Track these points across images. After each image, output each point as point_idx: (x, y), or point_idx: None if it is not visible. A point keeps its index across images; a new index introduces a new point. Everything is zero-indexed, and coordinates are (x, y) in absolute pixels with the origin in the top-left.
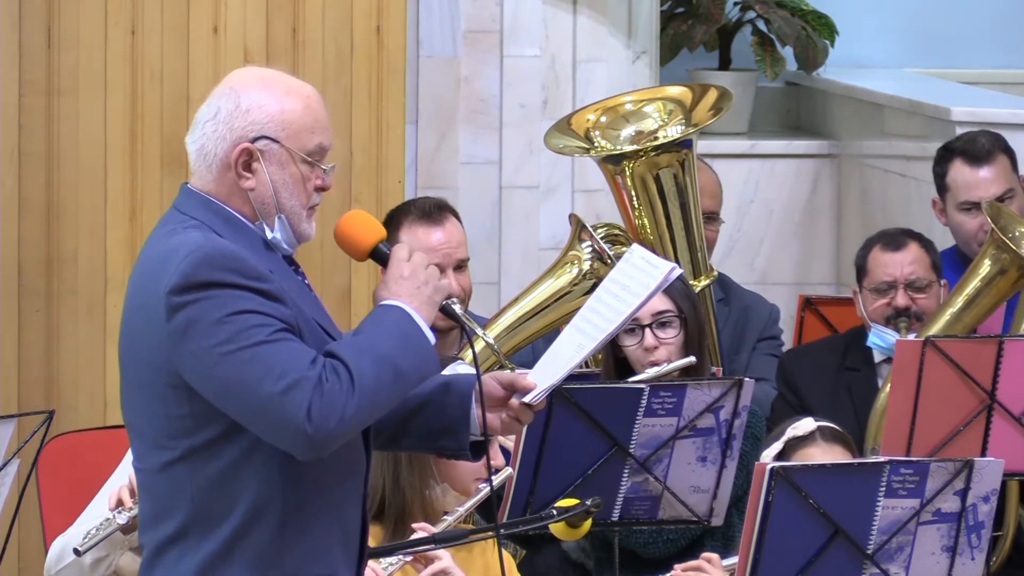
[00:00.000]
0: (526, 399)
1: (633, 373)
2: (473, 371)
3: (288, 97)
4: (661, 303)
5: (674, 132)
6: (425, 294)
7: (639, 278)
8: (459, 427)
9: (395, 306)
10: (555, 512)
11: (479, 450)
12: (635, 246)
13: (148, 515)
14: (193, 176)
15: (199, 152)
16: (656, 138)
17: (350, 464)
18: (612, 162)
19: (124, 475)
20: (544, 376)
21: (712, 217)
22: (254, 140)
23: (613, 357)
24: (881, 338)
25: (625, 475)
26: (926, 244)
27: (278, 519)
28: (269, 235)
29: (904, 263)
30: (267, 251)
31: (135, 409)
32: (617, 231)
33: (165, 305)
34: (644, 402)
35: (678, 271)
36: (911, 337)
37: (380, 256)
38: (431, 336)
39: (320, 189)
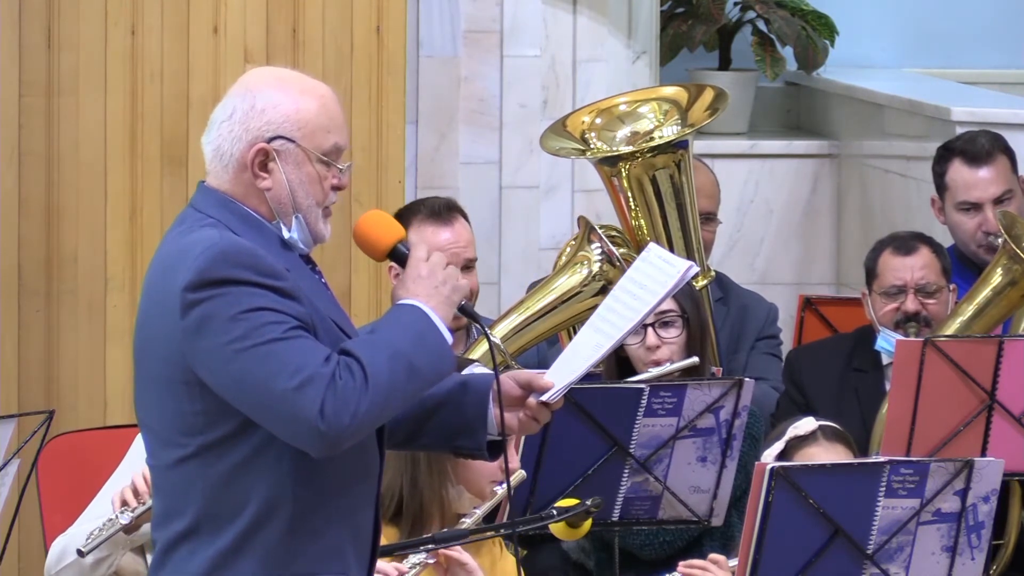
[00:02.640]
0: (543, 398)
1: (634, 372)
2: (488, 370)
3: (303, 97)
4: (664, 303)
5: (670, 133)
6: (443, 293)
7: (656, 276)
8: (476, 426)
9: (412, 305)
10: (555, 512)
11: (496, 450)
12: (652, 245)
13: (160, 512)
14: (209, 175)
15: (215, 152)
16: (652, 139)
17: (364, 466)
18: (608, 164)
19: (125, 475)
20: (561, 375)
21: (709, 218)
22: (270, 140)
23: (615, 356)
24: (889, 342)
25: (625, 475)
26: (937, 249)
27: (289, 518)
28: (286, 234)
29: (915, 268)
30: (284, 250)
31: (148, 406)
32: (614, 232)
33: (180, 302)
34: (644, 402)
35: (695, 269)
36: None
37: (399, 256)
38: (448, 335)
39: (336, 188)
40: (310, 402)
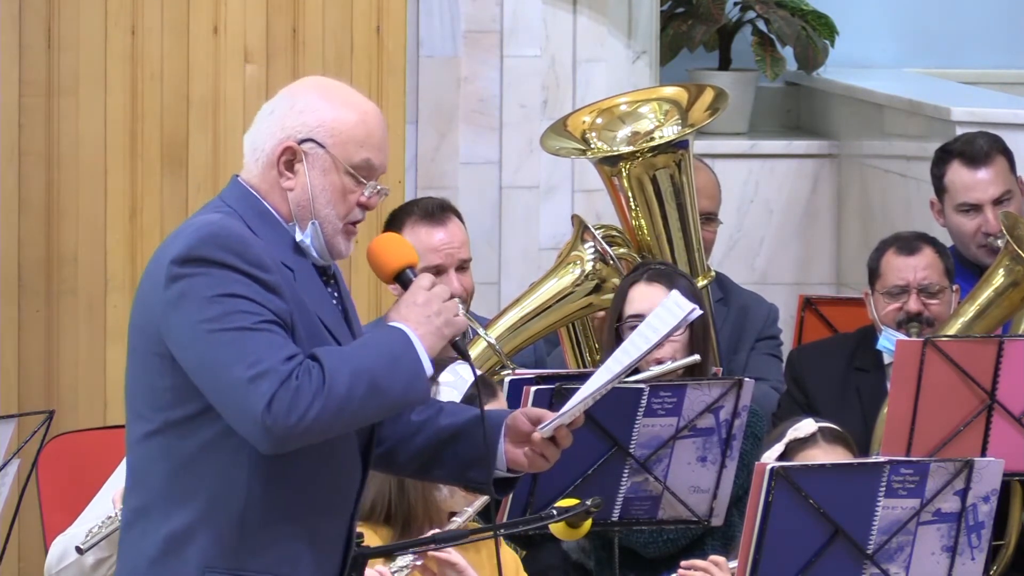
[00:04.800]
0: (539, 431)
1: (638, 371)
2: (501, 407)
3: (344, 107)
4: None
5: (670, 133)
6: (435, 324)
7: (665, 318)
8: (486, 460)
9: (397, 328)
10: (555, 512)
11: (507, 487)
12: (673, 292)
13: (126, 486)
14: (244, 169)
15: (251, 146)
16: (652, 139)
17: (336, 478)
18: (609, 163)
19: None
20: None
21: (710, 218)
22: (301, 141)
23: None
24: (891, 341)
25: (625, 475)
26: (940, 249)
27: (241, 511)
28: (299, 237)
29: (918, 268)
30: (295, 254)
31: (128, 377)
32: (614, 232)
33: (166, 273)
34: (644, 402)
35: (697, 312)
36: None
37: (405, 281)
38: (428, 365)
39: (363, 207)
40: (260, 395)
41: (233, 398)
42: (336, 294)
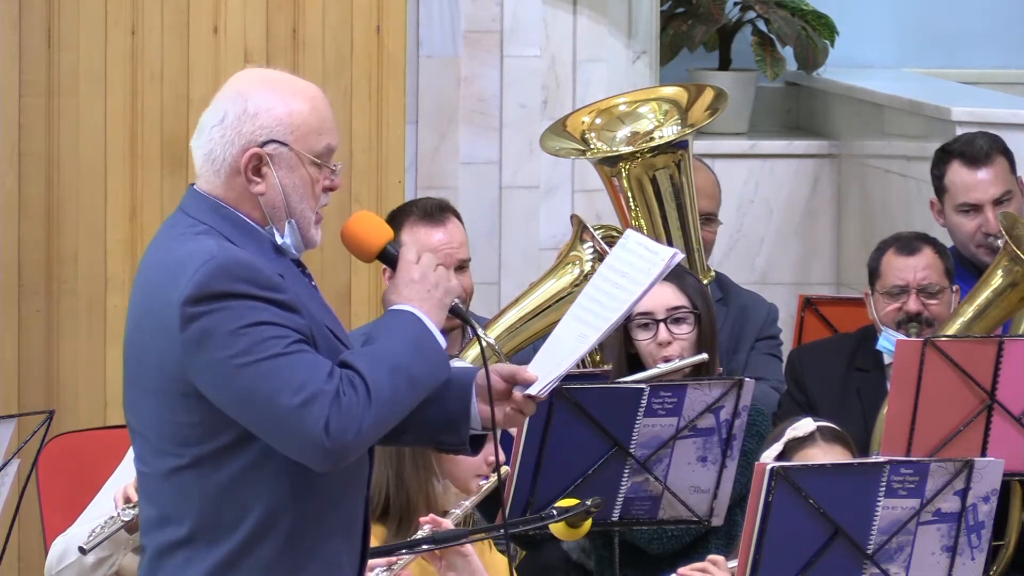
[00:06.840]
0: (530, 391)
1: (644, 368)
2: (469, 364)
3: (295, 99)
4: (676, 299)
5: (670, 133)
6: (435, 297)
7: (639, 265)
8: (459, 421)
9: (406, 311)
10: (555, 512)
11: (478, 445)
12: (629, 231)
13: (152, 518)
14: (200, 179)
15: (207, 157)
16: (652, 139)
17: (356, 473)
18: (608, 164)
19: (125, 474)
20: (545, 368)
21: (710, 218)
22: (263, 144)
23: (624, 352)
24: (891, 342)
25: (625, 475)
26: (940, 250)
27: (288, 531)
28: (279, 240)
29: (918, 268)
30: (277, 255)
31: (140, 413)
32: (614, 232)
33: (179, 315)
34: (644, 402)
35: (680, 256)
36: None
37: (388, 258)
38: (442, 340)
39: (328, 189)
40: (315, 419)
41: (285, 427)
42: (314, 283)
